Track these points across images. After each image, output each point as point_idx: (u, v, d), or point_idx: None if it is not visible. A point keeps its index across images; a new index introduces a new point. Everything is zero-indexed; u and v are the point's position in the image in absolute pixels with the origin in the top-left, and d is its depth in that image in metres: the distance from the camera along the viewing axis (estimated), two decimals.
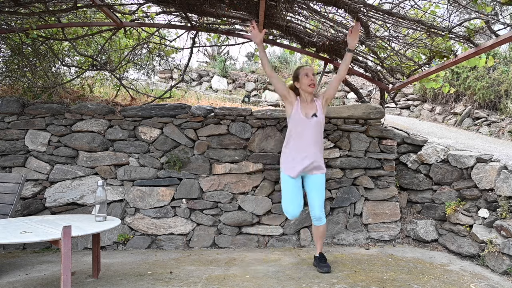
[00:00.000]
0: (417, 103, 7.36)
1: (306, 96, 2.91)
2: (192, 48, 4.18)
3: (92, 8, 3.67)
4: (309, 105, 2.89)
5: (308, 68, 2.91)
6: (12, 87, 4.31)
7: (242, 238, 3.67)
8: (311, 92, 2.89)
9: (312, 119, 2.83)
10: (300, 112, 2.85)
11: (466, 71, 6.13)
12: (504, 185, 3.04)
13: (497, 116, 5.67)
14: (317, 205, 2.86)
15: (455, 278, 2.73)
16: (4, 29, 3.78)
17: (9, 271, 2.88)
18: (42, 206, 3.65)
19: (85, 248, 3.63)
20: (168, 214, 3.67)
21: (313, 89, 2.87)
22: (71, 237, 1.95)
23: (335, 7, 3.00)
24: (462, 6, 2.95)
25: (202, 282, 2.59)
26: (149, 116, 3.73)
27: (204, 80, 10.23)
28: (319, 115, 2.86)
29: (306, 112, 2.85)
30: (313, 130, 2.82)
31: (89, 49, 4.99)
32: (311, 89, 2.87)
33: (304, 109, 2.87)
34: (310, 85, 2.85)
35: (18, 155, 3.69)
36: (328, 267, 2.83)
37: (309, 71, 2.88)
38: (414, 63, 3.69)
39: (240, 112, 3.75)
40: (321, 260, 2.89)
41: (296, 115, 2.85)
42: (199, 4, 3.25)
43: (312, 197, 2.88)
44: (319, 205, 2.86)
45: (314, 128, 2.83)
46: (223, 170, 3.72)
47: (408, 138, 4.05)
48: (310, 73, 2.87)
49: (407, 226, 3.83)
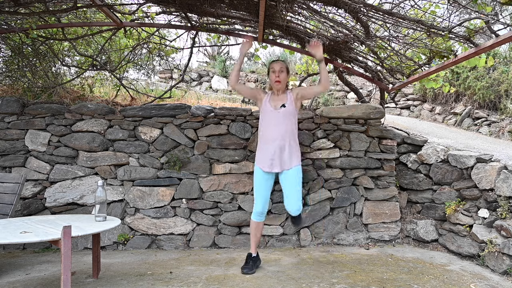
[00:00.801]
0: (417, 103, 7.36)
1: (277, 90, 2.93)
2: (192, 48, 4.18)
3: (92, 8, 3.67)
4: (279, 97, 2.91)
5: (276, 64, 2.91)
6: (12, 87, 4.31)
7: (242, 238, 3.67)
8: (277, 88, 2.90)
9: (281, 109, 2.83)
10: (268, 104, 2.87)
11: (466, 71, 6.13)
12: (504, 185, 3.04)
13: (497, 116, 5.67)
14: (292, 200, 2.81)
15: (455, 278, 2.73)
16: (4, 29, 3.78)
17: (9, 271, 2.88)
18: (42, 206, 3.65)
19: (85, 248, 3.63)
20: (168, 214, 3.67)
21: (278, 85, 2.87)
22: (71, 237, 1.95)
23: (335, 7, 3.00)
24: (462, 6, 2.95)
25: (202, 282, 2.59)
26: (149, 116, 3.73)
27: (204, 80, 10.23)
28: (288, 106, 2.84)
29: (275, 104, 2.87)
30: (281, 121, 2.81)
31: (89, 49, 4.99)
32: (277, 85, 2.88)
33: (273, 101, 2.89)
34: (275, 81, 2.88)
35: (18, 155, 3.68)
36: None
37: (276, 67, 2.88)
38: (414, 63, 3.69)
39: (240, 112, 3.75)
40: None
41: (264, 107, 2.89)
42: (199, 4, 3.25)
43: (286, 191, 2.84)
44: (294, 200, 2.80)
45: (283, 119, 2.82)
46: (223, 170, 3.72)
47: (408, 138, 4.05)
48: (276, 68, 2.88)
49: (407, 226, 3.83)
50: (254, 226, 2.92)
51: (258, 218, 2.91)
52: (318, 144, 3.76)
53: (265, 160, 2.83)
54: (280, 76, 2.87)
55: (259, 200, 2.88)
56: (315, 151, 3.77)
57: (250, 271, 2.79)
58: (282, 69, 2.89)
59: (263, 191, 2.87)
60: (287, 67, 2.96)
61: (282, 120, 2.82)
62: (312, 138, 3.79)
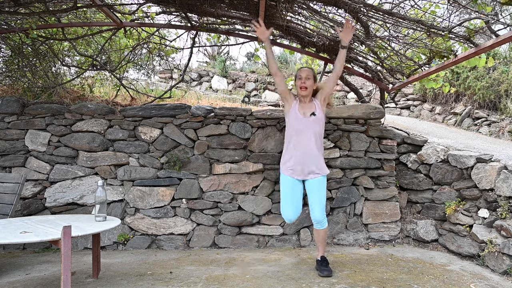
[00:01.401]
0: (417, 103, 7.36)
1: (303, 97, 2.90)
2: (192, 48, 4.18)
3: (92, 8, 3.67)
4: (307, 104, 2.88)
5: (302, 70, 2.88)
6: (12, 87, 4.31)
7: (242, 238, 3.67)
8: (303, 95, 2.86)
9: (311, 117, 2.81)
10: (297, 112, 2.84)
11: (466, 71, 6.13)
12: (504, 185, 3.04)
13: (497, 116, 5.67)
14: (318, 209, 2.79)
15: (455, 278, 2.73)
16: (4, 29, 3.78)
17: (9, 271, 2.88)
18: (42, 206, 3.65)
19: (85, 248, 3.63)
20: (168, 214, 3.67)
21: (304, 91, 2.83)
22: (71, 237, 1.95)
23: (335, 7, 3.00)
24: (462, 6, 2.95)
25: (202, 282, 2.59)
26: (149, 116, 3.73)
27: (204, 80, 10.23)
28: (318, 114, 2.83)
29: (304, 112, 2.84)
30: (312, 129, 2.80)
31: (89, 49, 4.99)
32: (302, 91, 2.84)
33: (302, 108, 2.86)
34: (301, 88, 2.83)
35: (18, 155, 3.68)
36: (329, 271, 2.76)
37: (303, 74, 2.85)
38: (414, 63, 3.69)
39: (240, 112, 3.75)
40: (322, 264, 2.84)
41: (293, 114, 2.84)
42: (199, 4, 3.25)
43: (312, 200, 2.82)
44: (320, 209, 2.79)
45: (313, 126, 2.80)
46: (223, 170, 3.72)
47: (408, 138, 4.05)
48: (303, 75, 2.84)
49: (407, 226, 3.83)
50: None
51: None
52: None
53: (295, 168, 2.80)
54: (306, 82, 2.83)
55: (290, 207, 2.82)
56: None
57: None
58: (308, 76, 2.85)
59: (293, 197, 2.82)
60: (314, 75, 2.92)
61: (312, 128, 2.80)
62: None
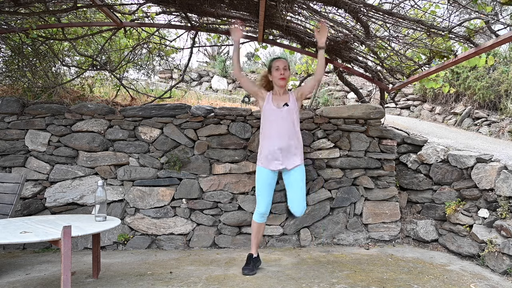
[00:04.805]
0: (417, 103, 7.36)
1: (279, 89, 2.90)
2: (192, 48, 4.18)
3: (92, 8, 3.67)
4: (281, 97, 2.89)
5: (280, 61, 2.88)
6: (12, 87, 4.31)
7: (242, 238, 3.67)
8: (281, 85, 2.87)
9: (283, 108, 2.81)
10: (271, 103, 2.85)
11: (466, 71, 6.13)
12: (504, 185, 3.04)
13: (497, 116, 5.67)
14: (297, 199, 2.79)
15: (455, 278, 2.73)
16: (4, 29, 3.78)
17: (9, 271, 2.88)
18: (42, 206, 3.64)
19: (85, 248, 3.63)
20: (168, 214, 3.67)
21: (283, 81, 2.84)
22: (71, 237, 1.95)
23: (335, 7, 3.00)
24: (462, 6, 2.95)
25: (202, 282, 2.59)
26: (149, 116, 3.73)
27: (204, 80, 10.23)
28: (291, 104, 2.83)
29: (278, 103, 2.84)
30: (285, 120, 2.80)
31: (89, 49, 4.99)
32: (282, 82, 2.85)
33: (276, 100, 2.87)
34: (280, 78, 2.84)
35: (18, 155, 3.68)
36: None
37: (280, 64, 2.85)
38: (414, 63, 3.69)
39: (240, 112, 3.75)
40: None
41: (267, 106, 2.85)
42: (199, 4, 3.25)
43: (290, 190, 2.82)
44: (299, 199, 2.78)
45: (287, 117, 2.80)
46: (223, 170, 3.72)
47: (408, 138, 4.05)
48: (281, 66, 2.85)
49: (407, 226, 3.83)
50: (256, 227, 2.90)
51: (260, 219, 2.88)
52: (318, 144, 3.76)
53: (270, 159, 2.80)
54: (285, 73, 2.85)
55: (263, 201, 2.84)
56: (315, 151, 3.77)
57: (251, 272, 2.78)
58: (286, 67, 2.87)
59: (267, 191, 2.84)
60: (289, 65, 2.95)
61: (285, 119, 2.80)
62: (312, 138, 3.79)
